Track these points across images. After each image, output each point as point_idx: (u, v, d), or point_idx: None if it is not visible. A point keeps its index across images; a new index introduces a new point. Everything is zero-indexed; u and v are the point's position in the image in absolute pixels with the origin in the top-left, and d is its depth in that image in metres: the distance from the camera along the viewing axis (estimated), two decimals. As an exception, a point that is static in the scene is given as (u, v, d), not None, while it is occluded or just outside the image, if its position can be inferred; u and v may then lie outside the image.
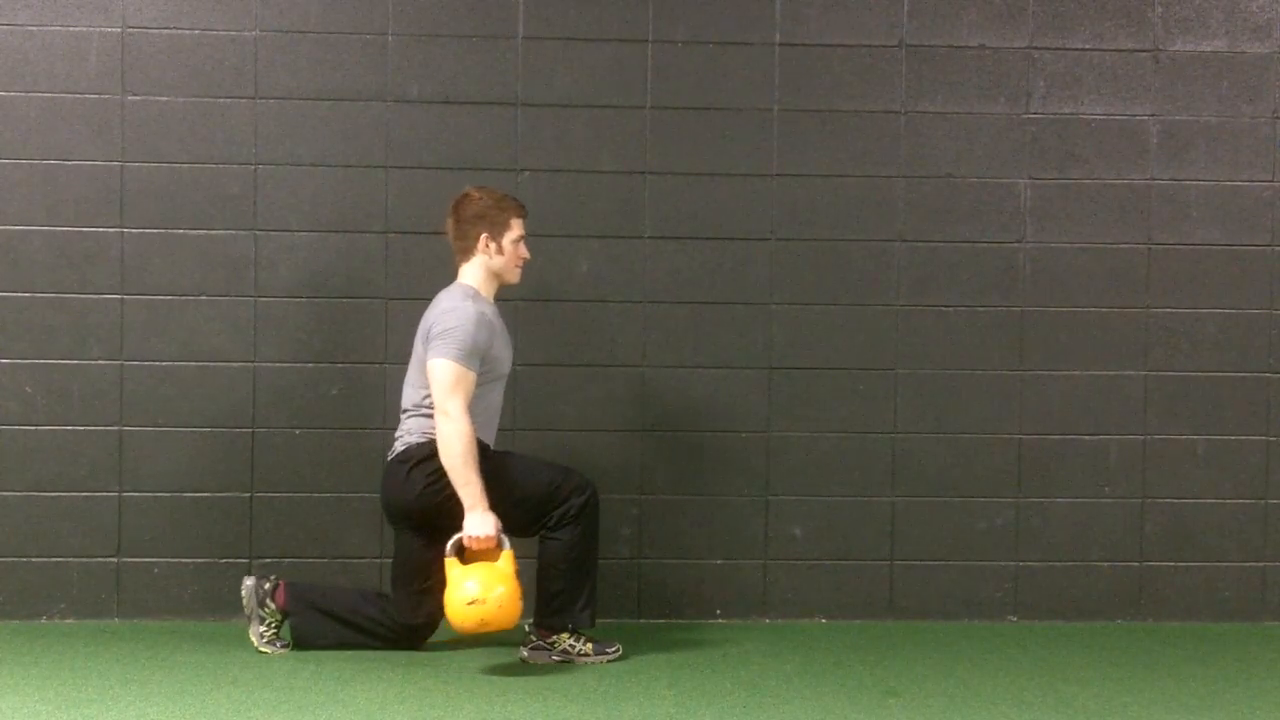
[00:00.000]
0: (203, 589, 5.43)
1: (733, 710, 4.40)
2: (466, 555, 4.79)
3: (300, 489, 5.48)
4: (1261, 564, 5.69)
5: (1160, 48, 5.66)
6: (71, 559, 5.42)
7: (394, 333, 5.41)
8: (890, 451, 5.62)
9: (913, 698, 4.58)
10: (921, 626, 5.56)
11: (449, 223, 5.02)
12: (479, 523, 4.73)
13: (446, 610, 4.74)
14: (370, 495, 5.37)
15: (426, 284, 5.15)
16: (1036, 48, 5.63)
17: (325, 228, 5.48)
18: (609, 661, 4.95)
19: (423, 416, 4.89)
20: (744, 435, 5.60)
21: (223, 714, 4.28)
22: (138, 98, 5.43)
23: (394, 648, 5.03)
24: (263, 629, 5.00)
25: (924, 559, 5.64)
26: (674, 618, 5.58)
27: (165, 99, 5.43)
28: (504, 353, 4.98)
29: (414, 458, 4.88)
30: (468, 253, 4.99)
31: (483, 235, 4.96)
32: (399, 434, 4.98)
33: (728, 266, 5.58)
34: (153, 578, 5.44)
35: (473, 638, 5.04)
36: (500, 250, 4.97)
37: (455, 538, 4.77)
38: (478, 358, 4.82)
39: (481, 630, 4.73)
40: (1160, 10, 5.65)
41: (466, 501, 4.74)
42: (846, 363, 5.61)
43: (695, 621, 5.57)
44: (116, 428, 5.43)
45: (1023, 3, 5.62)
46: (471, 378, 4.81)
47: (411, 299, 5.27)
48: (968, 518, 5.64)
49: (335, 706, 4.37)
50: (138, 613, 5.44)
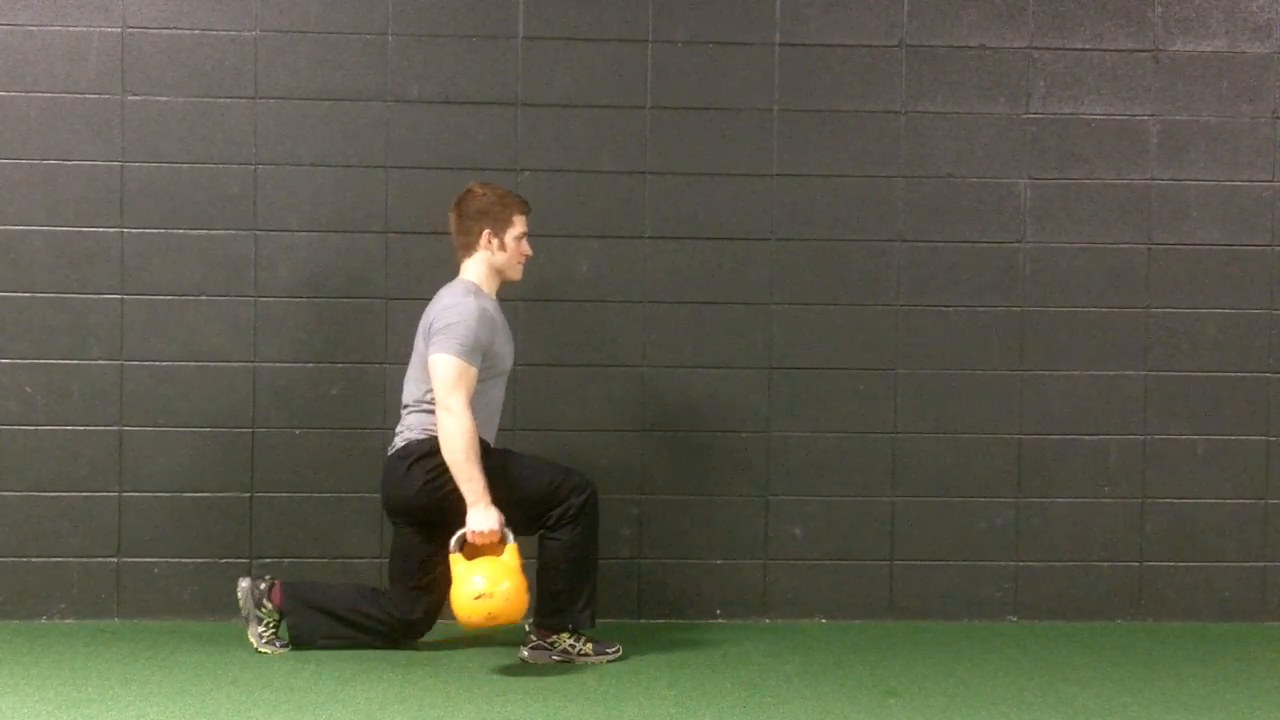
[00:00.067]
0: (203, 589, 5.43)
1: (733, 710, 4.40)
2: (470, 550, 4.79)
3: (300, 489, 5.48)
4: (1261, 564, 5.69)
5: (1160, 48, 5.66)
6: (71, 559, 5.42)
7: (394, 333, 5.41)
8: (890, 451, 5.62)
9: (913, 698, 4.58)
10: (921, 626, 5.56)
11: (451, 218, 5.01)
12: (482, 517, 4.73)
13: (453, 605, 4.73)
14: (370, 495, 5.37)
15: (427, 284, 5.15)
16: (1036, 48, 5.63)
17: (325, 228, 5.48)
18: (609, 661, 4.95)
19: (423, 412, 4.89)
20: (744, 435, 5.60)
21: (223, 714, 4.28)
22: (138, 98, 5.43)
23: (392, 643, 5.03)
24: (261, 629, 5.00)
25: (924, 559, 5.64)
26: (674, 618, 5.58)
27: (165, 99, 5.43)
28: (505, 349, 4.97)
29: (414, 454, 4.87)
30: (470, 248, 4.99)
31: (485, 231, 4.95)
32: (399, 430, 4.98)
33: (728, 266, 5.58)
34: (153, 578, 5.44)
35: (477, 632, 5.03)
36: (503, 246, 4.97)
37: (459, 533, 4.77)
38: (479, 353, 4.82)
39: (489, 624, 4.72)
40: (1160, 10, 5.65)
41: (469, 497, 4.74)
42: (846, 363, 5.61)
43: (695, 621, 5.57)
44: (116, 428, 5.43)
45: (1023, 3, 5.62)
46: (473, 373, 4.80)
47: (411, 299, 5.27)
48: (968, 518, 5.64)
49: (335, 706, 4.37)
50: (138, 613, 5.44)
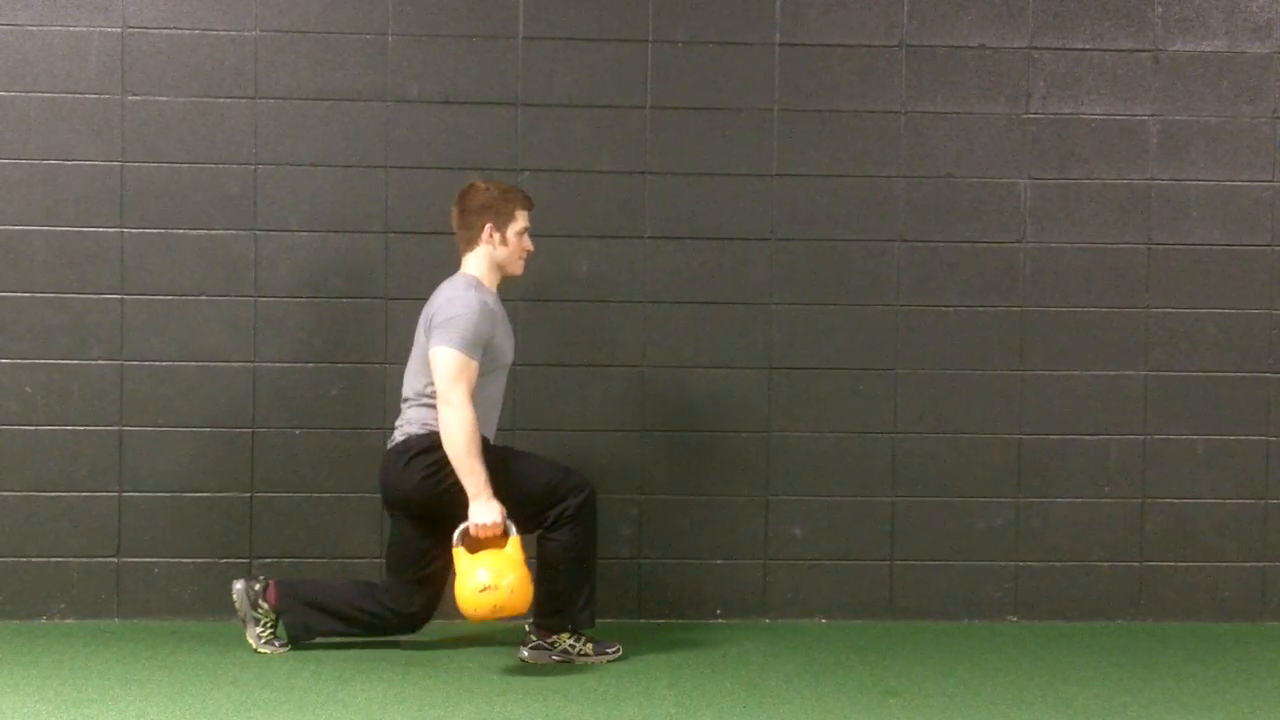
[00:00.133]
0: (203, 589, 5.43)
1: (733, 710, 4.40)
2: (473, 544, 4.77)
3: (300, 489, 5.48)
4: (1261, 564, 5.69)
5: (1160, 48, 5.66)
6: (71, 559, 5.42)
7: (394, 333, 5.41)
8: (890, 451, 5.62)
9: (913, 698, 4.58)
10: (921, 626, 5.56)
11: (454, 212, 5.01)
12: (484, 510, 4.72)
13: (458, 599, 4.72)
14: (370, 495, 5.37)
15: (426, 284, 5.14)
16: (1036, 48, 5.63)
17: (325, 228, 5.48)
18: (609, 661, 4.95)
19: (424, 407, 4.89)
20: (744, 435, 5.60)
21: (223, 714, 4.28)
22: (138, 98, 5.43)
23: (388, 635, 5.04)
24: (259, 630, 5.00)
25: (924, 559, 5.64)
26: (674, 618, 5.58)
27: (165, 99, 5.43)
28: (506, 343, 4.97)
29: (413, 448, 4.87)
30: (472, 243, 4.98)
31: (487, 226, 4.95)
32: (399, 424, 4.97)
33: (728, 266, 5.58)
34: (153, 578, 5.44)
35: (482, 626, 5.03)
36: (504, 241, 4.97)
37: (461, 527, 4.76)
38: (480, 347, 4.82)
39: (495, 616, 4.71)
40: (1160, 10, 5.65)
41: (471, 490, 4.73)
42: (846, 363, 5.61)
43: (695, 621, 5.57)
44: (116, 428, 5.43)
45: (1023, 3, 5.62)
46: (474, 366, 4.80)
47: (411, 299, 5.26)
48: (968, 518, 5.64)
49: (335, 706, 4.37)
50: (138, 613, 5.44)
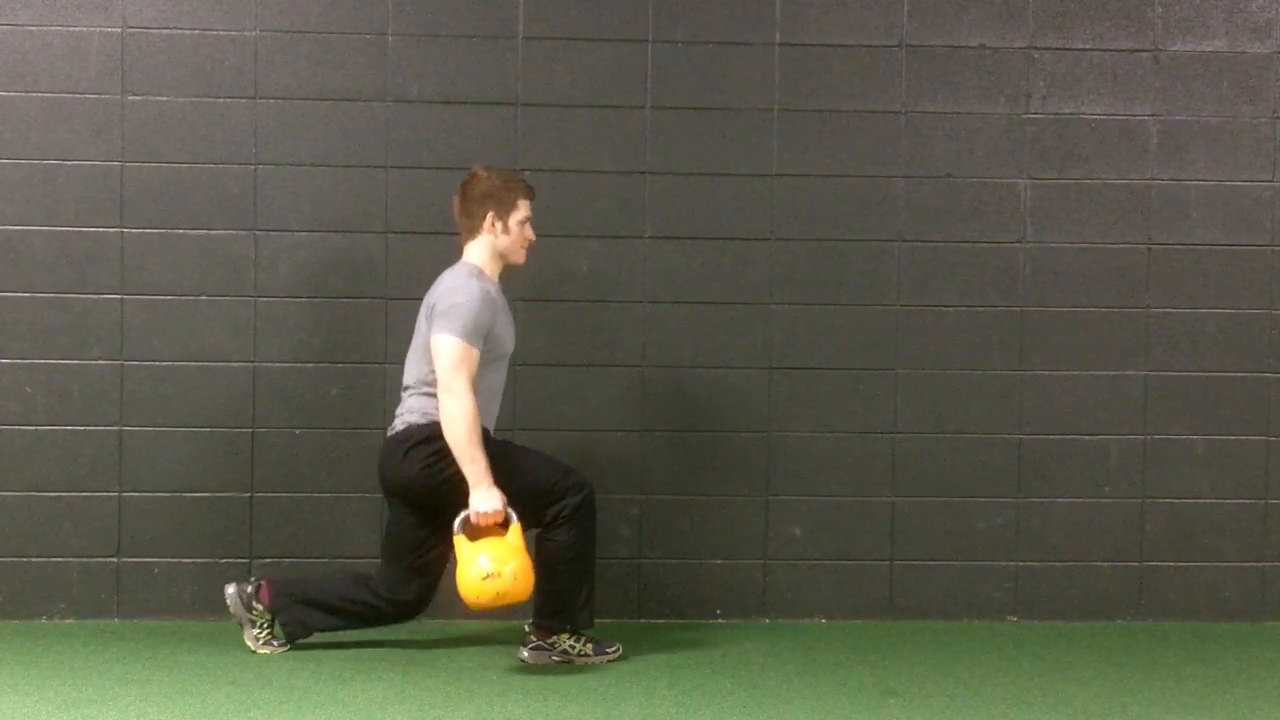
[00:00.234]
0: (203, 589, 5.42)
1: (733, 710, 4.40)
2: (473, 531, 4.76)
3: (300, 489, 5.48)
4: (1261, 564, 5.69)
5: (1160, 48, 5.66)
6: (71, 559, 5.41)
7: (394, 333, 5.41)
8: (890, 451, 5.62)
9: (913, 698, 4.58)
10: (921, 626, 5.56)
11: (455, 201, 5.00)
12: (485, 498, 4.72)
13: (460, 587, 4.71)
14: (370, 495, 5.37)
15: (426, 284, 5.12)
16: (1036, 48, 5.63)
17: (325, 228, 5.48)
18: (609, 661, 4.95)
19: (424, 395, 4.87)
20: (744, 435, 5.59)
21: (223, 714, 4.28)
22: (138, 98, 5.43)
23: (384, 625, 5.05)
24: (256, 632, 5.00)
25: (924, 559, 5.64)
26: (674, 618, 5.58)
27: (165, 99, 5.43)
28: (507, 332, 4.95)
29: (413, 438, 4.85)
30: (473, 232, 4.97)
31: (489, 214, 4.94)
32: (400, 412, 4.96)
33: (728, 266, 5.58)
34: (153, 578, 5.44)
35: (483, 615, 5.02)
36: (506, 230, 4.95)
37: (462, 515, 4.75)
38: (482, 335, 4.80)
39: (497, 604, 4.70)
40: (1160, 10, 5.65)
41: (472, 478, 4.72)
42: (846, 363, 5.61)
43: (695, 621, 5.56)
44: (116, 428, 5.43)
45: (1023, 3, 5.62)
46: (475, 355, 4.79)
47: (411, 299, 5.25)
48: (968, 518, 5.64)
49: (335, 706, 4.37)
50: (138, 613, 5.44)
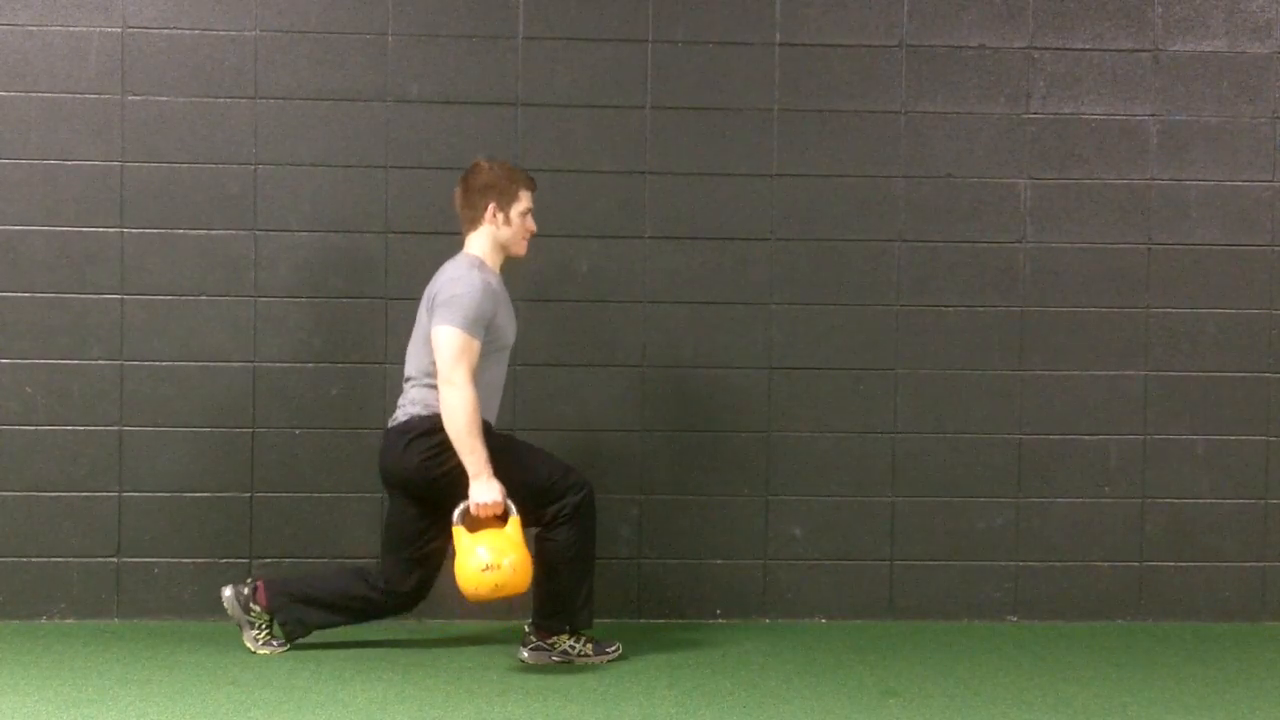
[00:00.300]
0: (203, 589, 5.42)
1: (733, 710, 4.40)
2: (472, 523, 4.76)
3: (300, 489, 5.48)
4: (1261, 564, 5.69)
5: (1160, 48, 5.66)
6: (71, 559, 5.42)
7: (394, 333, 5.41)
8: (890, 451, 5.62)
9: (913, 698, 4.58)
10: (921, 626, 5.56)
11: (457, 192, 4.99)
12: (485, 490, 4.71)
13: (459, 579, 4.71)
14: (370, 495, 5.37)
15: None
16: (1036, 48, 5.63)
17: (325, 228, 5.48)
18: (609, 661, 4.95)
19: (426, 387, 4.86)
20: (744, 435, 5.59)
21: (223, 714, 4.28)
22: (138, 98, 5.43)
23: (383, 618, 5.05)
24: (255, 633, 5.00)
25: (924, 559, 5.64)
26: (674, 618, 5.58)
27: (165, 99, 5.43)
28: (508, 323, 4.95)
29: (415, 430, 4.85)
30: (475, 223, 4.96)
31: (491, 205, 4.93)
32: (402, 403, 4.95)
33: (728, 266, 5.58)
34: (153, 578, 5.44)
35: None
36: (508, 221, 4.95)
37: (461, 506, 4.75)
38: (483, 326, 4.80)
39: (496, 595, 4.71)
40: (1160, 10, 5.65)
41: (472, 469, 4.72)
42: (846, 363, 5.61)
43: (695, 621, 5.56)
44: (116, 428, 5.43)
45: (1023, 3, 5.62)
46: (476, 346, 4.78)
47: (411, 299, 5.25)
48: (968, 518, 5.64)
49: (335, 706, 4.37)
50: (138, 613, 5.44)
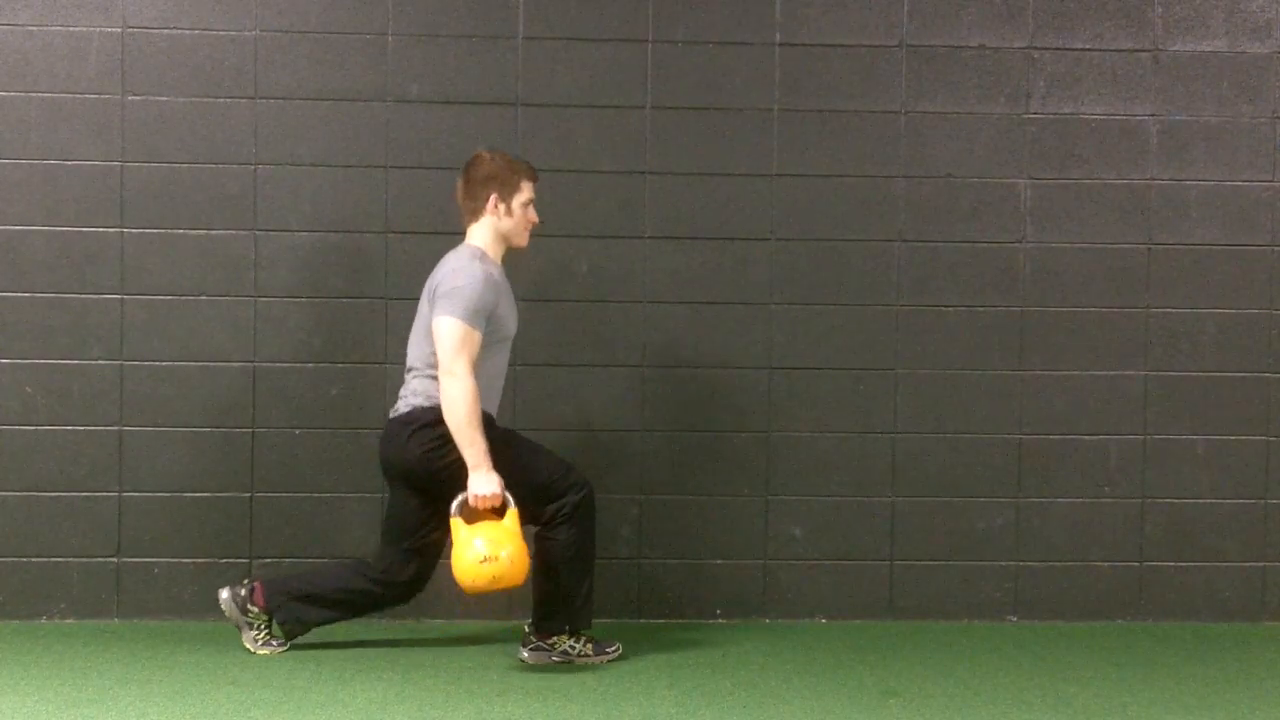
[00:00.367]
0: (203, 589, 5.42)
1: (733, 710, 4.40)
2: (471, 514, 4.76)
3: (300, 489, 5.48)
4: (1261, 564, 5.69)
5: (1160, 48, 5.66)
6: (71, 559, 5.41)
7: (394, 333, 5.41)
8: (890, 451, 5.62)
9: (913, 698, 4.58)
10: (921, 626, 5.56)
11: (459, 184, 4.98)
12: (484, 481, 4.71)
13: (456, 570, 4.71)
14: (370, 495, 5.38)
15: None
16: (1036, 48, 5.63)
17: (325, 228, 5.48)
18: (609, 661, 4.95)
19: (428, 378, 4.85)
20: (744, 435, 5.59)
21: (223, 714, 4.28)
22: (138, 98, 5.43)
23: (382, 610, 5.06)
24: (254, 634, 4.99)
25: (924, 559, 5.64)
26: (674, 618, 5.58)
27: (165, 99, 5.43)
28: (510, 314, 4.94)
29: (417, 421, 4.84)
30: (476, 214, 4.96)
31: (492, 196, 4.93)
32: (403, 393, 4.94)
33: (728, 266, 5.58)
34: (153, 578, 5.44)
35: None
36: (509, 212, 4.94)
37: (460, 497, 4.75)
38: (484, 317, 4.79)
39: (494, 588, 4.71)
40: (1160, 10, 5.65)
41: (471, 461, 4.71)
42: (846, 363, 5.61)
43: (695, 621, 5.56)
44: (116, 428, 5.43)
45: (1023, 3, 5.62)
46: (477, 337, 4.77)
47: (412, 299, 5.25)
48: (968, 518, 5.64)
49: (335, 706, 4.37)
50: (138, 613, 5.44)
